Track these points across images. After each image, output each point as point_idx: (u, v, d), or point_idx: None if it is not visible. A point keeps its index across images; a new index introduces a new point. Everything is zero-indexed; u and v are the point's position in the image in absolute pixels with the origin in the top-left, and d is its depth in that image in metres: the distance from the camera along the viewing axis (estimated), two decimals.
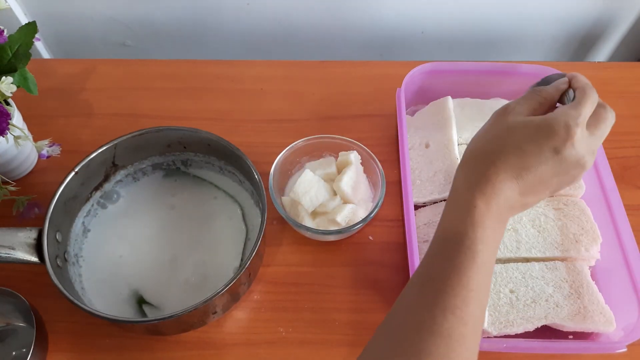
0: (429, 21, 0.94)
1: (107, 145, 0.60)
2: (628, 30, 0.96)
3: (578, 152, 0.39)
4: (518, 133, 0.41)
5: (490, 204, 0.39)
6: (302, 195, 0.61)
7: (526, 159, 0.39)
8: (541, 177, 0.40)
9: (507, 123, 0.42)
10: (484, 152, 0.42)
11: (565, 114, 0.40)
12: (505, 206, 0.40)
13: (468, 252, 0.38)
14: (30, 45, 0.60)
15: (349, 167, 0.63)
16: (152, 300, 0.58)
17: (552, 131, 0.39)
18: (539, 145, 0.39)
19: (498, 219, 0.40)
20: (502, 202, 0.40)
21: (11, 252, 0.51)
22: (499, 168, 0.40)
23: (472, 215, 0.39)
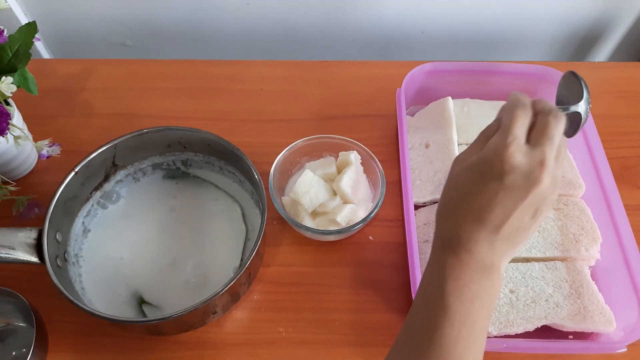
0: (429, 21, 0.94)
1: (107, 145, 0.60)
2: (628, 30, 0.96)
3: (519, 170, 0.37)
4: (463, 179, 0.40)
5: (459, 256, 0.38)
6: (302, 195, 0.61)
7: (479, 201, 0.38)
8: (504, 211, 0.37)
9: (454, 174, 0.41)
10: (444, 207, 0.41)
11: (493, 142, 0.39)
12: (481, 253, 0.38)
13: (440, 309, 0.37)
14: (30, 45, 0.60)
15: (349, 167, 0.63)
16: (152, 300, 0.58)
17: (486, 163, 0.38)
18: (483, 181, 0.38)
19: (477, 268, 0.38)
20: (474, 249, 0.38)
21: (11, 252, 0.51)
22: (459, 219, 0.39)
23: (442, 271, 0.38)
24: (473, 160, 0.39)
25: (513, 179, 0.37)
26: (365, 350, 0.57)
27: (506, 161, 0.37)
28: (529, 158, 0.37)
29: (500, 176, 0.37)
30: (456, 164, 0.42)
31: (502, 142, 0.38)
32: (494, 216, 0.37)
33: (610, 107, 0.79)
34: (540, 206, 0.38)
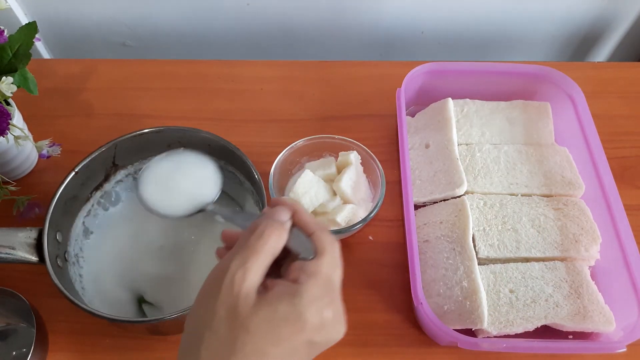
0: (429, 21, 0.94)
1: (107, 145, 0.60)
2: (628, 30, 0.96)
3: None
4: (261, 327, 0.32)
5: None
6: (302, 196, 0.61)
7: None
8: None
9: (239, 314, 0.33)
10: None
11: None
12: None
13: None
14: (30, 45, 0.60)
15: (348, 167, 0.63)
16: (152, 300, 0.58)
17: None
18: (290, 340, 0.32)
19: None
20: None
21: (11, 252, 0.51)
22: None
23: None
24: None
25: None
26: (365, 350, 0.57)
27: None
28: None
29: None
30: None
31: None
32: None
33: (610, 107, 0.79)
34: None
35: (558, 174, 0.66)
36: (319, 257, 0.35)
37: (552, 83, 0.72)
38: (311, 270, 0.34)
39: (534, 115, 0.72)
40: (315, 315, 0.32)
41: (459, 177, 0.63)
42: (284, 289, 0.33)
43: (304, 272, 0.34)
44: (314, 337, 0.32)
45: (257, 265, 0.33)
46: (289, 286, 0.33)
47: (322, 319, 0.32)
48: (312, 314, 0.32)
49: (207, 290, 0.34)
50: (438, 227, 0.61)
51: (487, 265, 0.58)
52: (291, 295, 0.32)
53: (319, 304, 0.32)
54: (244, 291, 0.32)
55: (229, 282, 0.33)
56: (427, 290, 0.58)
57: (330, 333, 0.34)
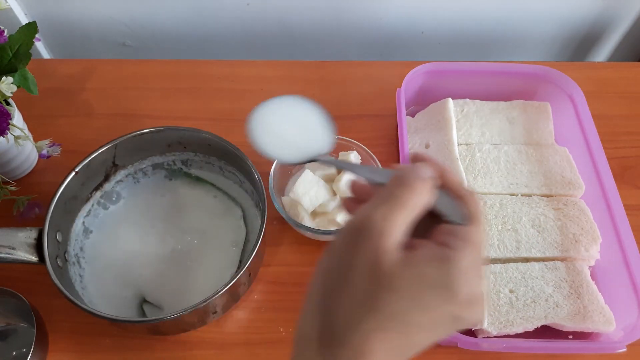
0: (429, 21, 0.94)
1: (108, 145, 0.60)
2: (628, 30, 0.96)
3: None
4: (406, 289, 0.28)
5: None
6: (302, 196, 0.61)
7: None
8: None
9: (381, 269, 0.29)
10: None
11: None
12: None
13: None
14: (30, 45, 0.60)
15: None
16: (153, 300, 0.58)
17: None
18: (436, 310, 0.28)
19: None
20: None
21: (11, 252, 0.51)
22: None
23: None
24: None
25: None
26: None
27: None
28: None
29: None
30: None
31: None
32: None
33: (610, 107, 0.79)
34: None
35: (558, 174, 0.66)
36: (472, 224, 0.31)
37: (552, 83, 0.72)
38: (464, 236, 0.29)
39: (534, 115, 0.72)
40: (466, 287, 0.28)
41: (459, 177, 0.63)
42: (433, 252, 0.29)
43: (455, 237, 0.29)
44: (461, 312, 0.28)
45: (403, 218, 0.29)
46: (439, 249, 0.29)
47: (472, 293, 0.28)
48: (463, 285, 0.28)
49: (343, 241, 0.30)
50: None
51: (487, 265, 0.58)
52: (442, 260, 0.28)
53: (470, 276, 0.28)
54: (388, 245, 0.28)
55: (370, 233, 0.29)
56: None
57: (476, 312, 0.29)
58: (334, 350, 0.29)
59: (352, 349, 0.28)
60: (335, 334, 0.29)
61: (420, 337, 0.29)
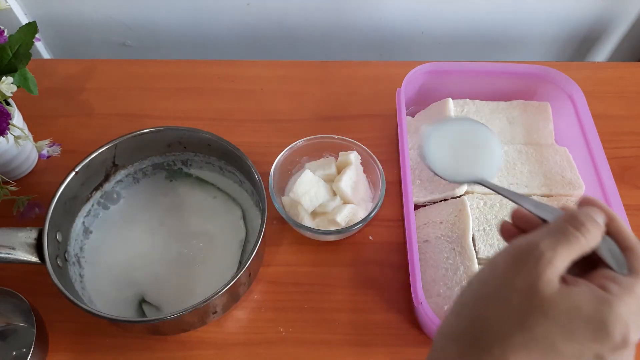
0: (429, 21, 0.94)
1: (107, 145, 0.60)
2: (628, 30, 0.96)
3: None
4: (559, 318, 0.29)
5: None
6: (302, 196, 0.61)
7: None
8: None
9: (539, 294, 0.30)
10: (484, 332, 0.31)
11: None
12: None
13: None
14: (30, 45, 0.60)
15: (348, 167, 0.63)
16: (152, 300, 0.58)
17: (606, 327, 0.29)
18: (583, 345, 0.29)
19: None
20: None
21: (11, 252, 0.51)
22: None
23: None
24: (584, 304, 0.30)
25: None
26: (365, 350, 0.57)
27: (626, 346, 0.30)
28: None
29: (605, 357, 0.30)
30: (540, 270, 0.31)
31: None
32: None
33: (610, 107, 0.79)
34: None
35: (558, 174, 0.66)
36: (635, 276, 0.31)
37: (552, 83, 0.72)
38: (626, 285, 0.30)
39: (534, 115, 0.72)
40: (620, 331, 0.29)
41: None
42: (591, 291, 0.30)
43: (616, 284, 0.30)
44: (607, 353, 0.29)
45: (568, 253, 0.31)
46: (597, 291, 0.30)
47: (624, 339, 0.29)
48: (618, 328, 0.29)
49: (507, 259, 0.32)
50: (438, 227, 0.61)
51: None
52: (600, 301, 0.29)
53: (626, 322, 0.29)
54: (550, 274, 0.30)
55: (536, 258, 0.30)
56: (427, 291, 0.58)
57: (624, 356, 0.30)
58: (475, 353, 0.31)
59: (494, 357, 0.30)
60: (481, 340, 0.31)
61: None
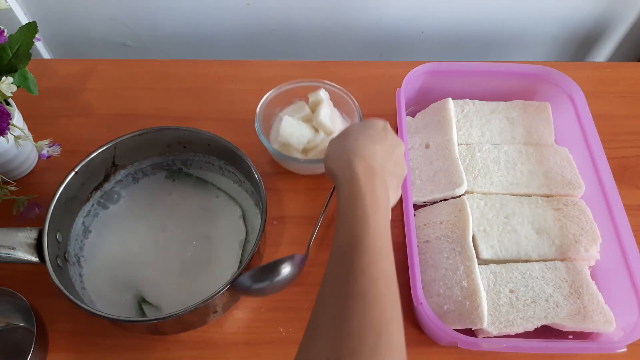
0: (429, 21, 0.94)
1: (107, 145, 0.60)
2: (628, 30, 0.96)
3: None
4: (352, 132, 0.52)
5: (366, 173, 0.46)
6: (290, 137, 0.65)
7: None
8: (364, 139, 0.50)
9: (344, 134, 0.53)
10: (345, 149, 0.50)
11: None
12: (375, 167, 0.48)
13: (363, 220, 0.43)
14: (30, 45, 0.60)
15: (321, 104, 0.69)
16: (152, 300, 0.58)
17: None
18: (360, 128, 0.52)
19: (375, 177, 0.47)
20: (373, 165, 0.47)
21: (11, 252, 0.51)
22: (354, 153, 0.48)
23: (358, 189, 0.45)
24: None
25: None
26: None
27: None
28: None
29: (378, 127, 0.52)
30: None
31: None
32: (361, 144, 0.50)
33: (610, 107, 0.79)
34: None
35: (558, 174, 0.66)
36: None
37: (552, 83, 0.72)
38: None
39: (534, 115, 0.72)
40: (381, 124, 0.53)
41: (459, 177, 0.63)
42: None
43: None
44: (383, 131, 0.52)
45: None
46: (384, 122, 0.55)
47: (384, 126, 0.53)
48: (379, 124, 0.53)
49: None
50: (438, 227, 0.61)
51: (487, 265, 0.58)
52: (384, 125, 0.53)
53: (385, 124, 0.53)
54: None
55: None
56: (427, 290, 0.58)
57: (388, 135, 0.53)
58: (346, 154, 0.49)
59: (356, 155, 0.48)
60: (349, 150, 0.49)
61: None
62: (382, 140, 0.50)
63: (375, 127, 0.52)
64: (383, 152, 0.49)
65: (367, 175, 0.46)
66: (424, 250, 0.61)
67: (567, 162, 0.67)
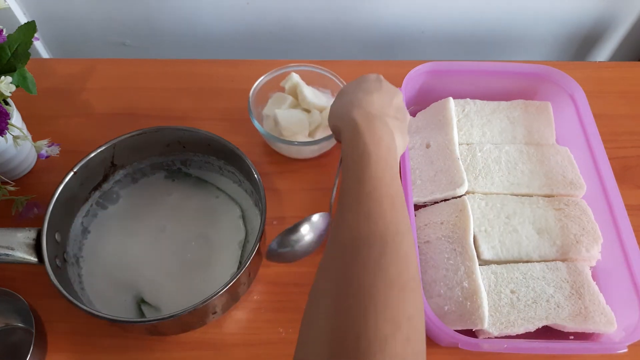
0: (429, 21, 0.94)
1: (106, 145, 0.59)
2: (628, 30, 0.96)
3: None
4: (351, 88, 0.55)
5: (366, 117, 0.48)
6: (293, 126, 0.67)
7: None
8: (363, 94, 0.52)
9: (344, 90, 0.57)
10: (346, 103, 0.52)
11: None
12: (373, 110, 0.50)
13: (365, 156, 0.44)
14: (29, 44, 0.60)
15: (298, 86, 0.71)
16: (151, 300, 0.58)
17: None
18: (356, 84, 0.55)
19: (375, 119, 0.48)
20: (370, 110, 0.50)
21: (10, 252, 0.51)
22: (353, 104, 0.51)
23: (358, 131, 0.46)
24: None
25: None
26: None
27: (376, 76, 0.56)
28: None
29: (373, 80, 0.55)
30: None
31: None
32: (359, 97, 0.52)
33: (611, 107, 0.78)
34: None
35: (559, 174, 0.66)
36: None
37: (553, 83, 0.72)
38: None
39: (535, 115, 0.72)
40: (375, 77, 0.57)
41: (459, 177, 0.63)
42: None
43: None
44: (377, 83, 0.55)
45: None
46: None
47: (377, 77, 0.57)
48: (372, 76, 0.57)
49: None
50: (439, 227, 0.61)
51: (488, 265, 0.58)
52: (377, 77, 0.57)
53: (377, 75, 0.57)
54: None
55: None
56: (427, 291, 0.57)
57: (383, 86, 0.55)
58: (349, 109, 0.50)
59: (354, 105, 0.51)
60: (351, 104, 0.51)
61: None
62: (378, 89, 0.52)
63: (368, 80, 0.54)
64: (380, 100, 0.51)
65: (366, 120, 0.47)
66: (424, 250, 0.61)
67: (568, 162, 0.67)
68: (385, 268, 0.36)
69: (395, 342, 0.33)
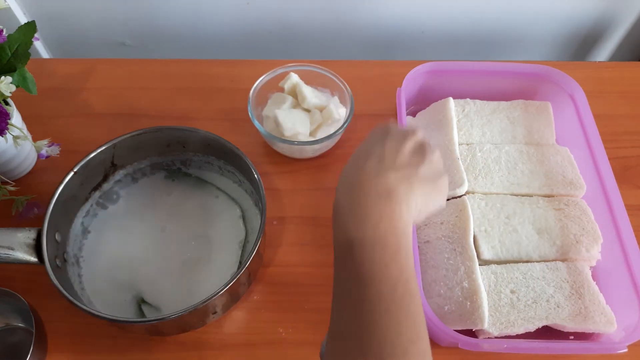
0: (429, 21, 0.94)
1: (106, 145, 0.59)
2: (628, 30, 0.96)
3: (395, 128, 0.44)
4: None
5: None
6: (294, 126, 0.67)
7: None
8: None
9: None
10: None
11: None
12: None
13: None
14: (29, 44, 0.60)
15: (298, 86, 0.71)
16: (152, 300, 0.58)
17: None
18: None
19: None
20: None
21: (10, 252, 0.51)
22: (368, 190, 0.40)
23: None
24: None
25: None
26: None
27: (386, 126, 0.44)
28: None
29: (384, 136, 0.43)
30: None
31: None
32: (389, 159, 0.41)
33: (611, 107, 0.78)
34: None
35: (559, 174, 0.66)
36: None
37: (553, 83, 0.72)
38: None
39: (534, 115, 0.72)
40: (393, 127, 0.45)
41: (459, 176, 0.63)
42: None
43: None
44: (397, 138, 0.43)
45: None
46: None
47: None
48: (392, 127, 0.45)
49: (365, 143, 0.44)
50: (439, 227, 0.61)
51: (488, 265, 0.58)
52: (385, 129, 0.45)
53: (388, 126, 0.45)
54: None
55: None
56: (427, 291, 0.57)
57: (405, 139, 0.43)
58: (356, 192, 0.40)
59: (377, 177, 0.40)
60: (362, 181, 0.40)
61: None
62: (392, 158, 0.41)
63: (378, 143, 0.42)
64: (383, 161, 0.41)
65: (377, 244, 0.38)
66: (424, 250, 0.61)
67: (568, 162, 0.67)
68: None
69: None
